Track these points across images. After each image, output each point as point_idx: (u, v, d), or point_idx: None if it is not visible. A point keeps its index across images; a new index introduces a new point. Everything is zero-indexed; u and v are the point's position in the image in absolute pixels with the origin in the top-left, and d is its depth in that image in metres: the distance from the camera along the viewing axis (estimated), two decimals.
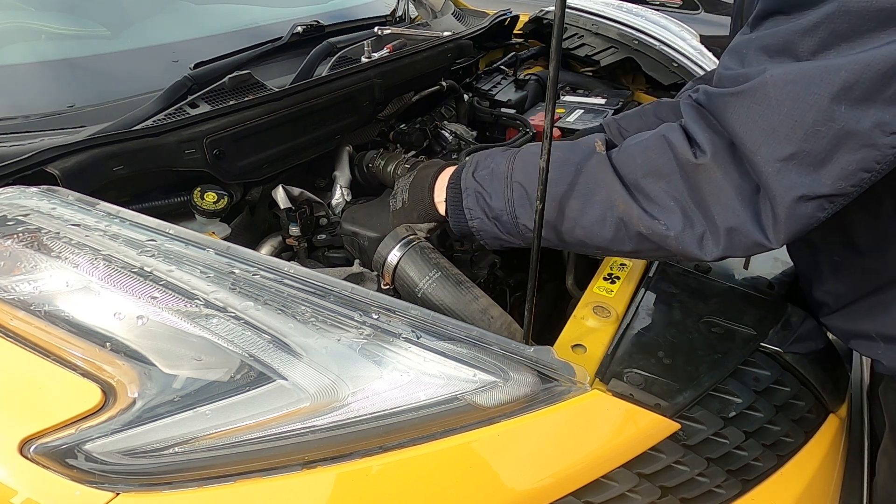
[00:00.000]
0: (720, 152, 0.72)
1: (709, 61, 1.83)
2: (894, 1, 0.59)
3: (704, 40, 2.02)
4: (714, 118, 0.74)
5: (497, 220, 0.87)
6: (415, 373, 0.71)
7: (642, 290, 0.98)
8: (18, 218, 0.81)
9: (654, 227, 0.76)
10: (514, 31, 2.02)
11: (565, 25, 1.85)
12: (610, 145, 0.84)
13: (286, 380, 0.68)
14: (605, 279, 1.00)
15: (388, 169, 1.28)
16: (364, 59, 1.41)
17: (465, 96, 1.71)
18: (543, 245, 0.82)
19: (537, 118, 1.63)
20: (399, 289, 1.02)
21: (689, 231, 0.74)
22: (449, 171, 0.97)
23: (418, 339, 0.73)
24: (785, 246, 0.79)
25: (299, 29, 1.46)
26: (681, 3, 4.55)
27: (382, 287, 1.04)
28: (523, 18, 2.03)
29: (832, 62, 0.63)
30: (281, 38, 1.44)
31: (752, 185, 0.70)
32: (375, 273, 1.05)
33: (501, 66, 1.92)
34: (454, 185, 0.93)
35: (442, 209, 0.96)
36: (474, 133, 1.54)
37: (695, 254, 0.75)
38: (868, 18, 0.61)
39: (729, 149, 0.72)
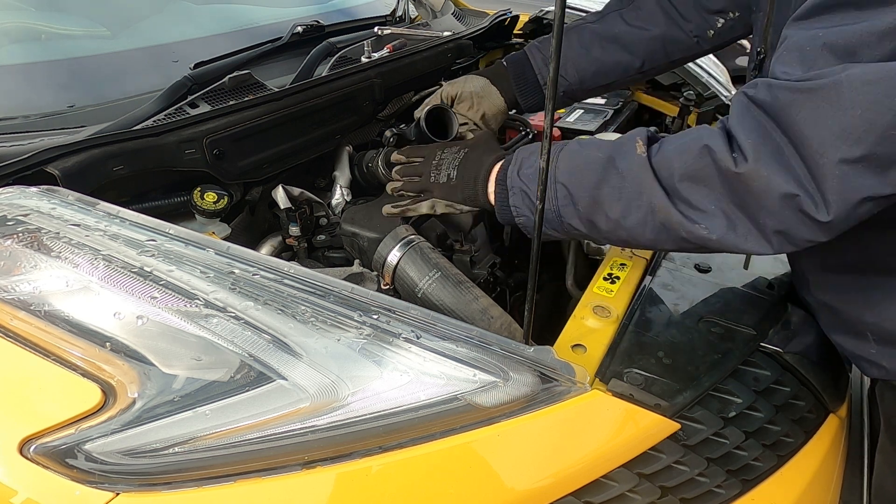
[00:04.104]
0: (764, 158, 0.68)
1: (708, 61, 1.83)
2: None
3: None
4: (771, 115, 0.70)
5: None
6: (415, 373, 0.71)
7: (642, 290, 0.98)
8: (18, 218, 0.81)
9: (694, 231, 0.74)
10: (514, 31, 2.01)
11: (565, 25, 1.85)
12: (652, 140, 0.81)
13: (286, 380, 0.68)
14: (605, 279, 1.00)
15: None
16: (364, 59, 1.41)
17: None
18: (583, 237, 0.83)
19: (537, 118, 1.62)
20: (399, 289, 1.03)
21: (731, 234, 0.73)
22: (500, 164, 0.95)
23: (418, 339, 0.73)
24: None
25: (299, 29, 1.46)
26: None
27: (382, 287, 1.04)
28: (523, 18, 2.03)
29: None
30: (281, 38, 1.43)
31: (801, 188, 0.67)
32: (375, 273, 1.05)
33: None
34: (501, 182, 0.93)
35: (492, 199, 0.95)
36: None
37: (741, 248, 0.74)
38: None
39: (774, 154, 0.68)
